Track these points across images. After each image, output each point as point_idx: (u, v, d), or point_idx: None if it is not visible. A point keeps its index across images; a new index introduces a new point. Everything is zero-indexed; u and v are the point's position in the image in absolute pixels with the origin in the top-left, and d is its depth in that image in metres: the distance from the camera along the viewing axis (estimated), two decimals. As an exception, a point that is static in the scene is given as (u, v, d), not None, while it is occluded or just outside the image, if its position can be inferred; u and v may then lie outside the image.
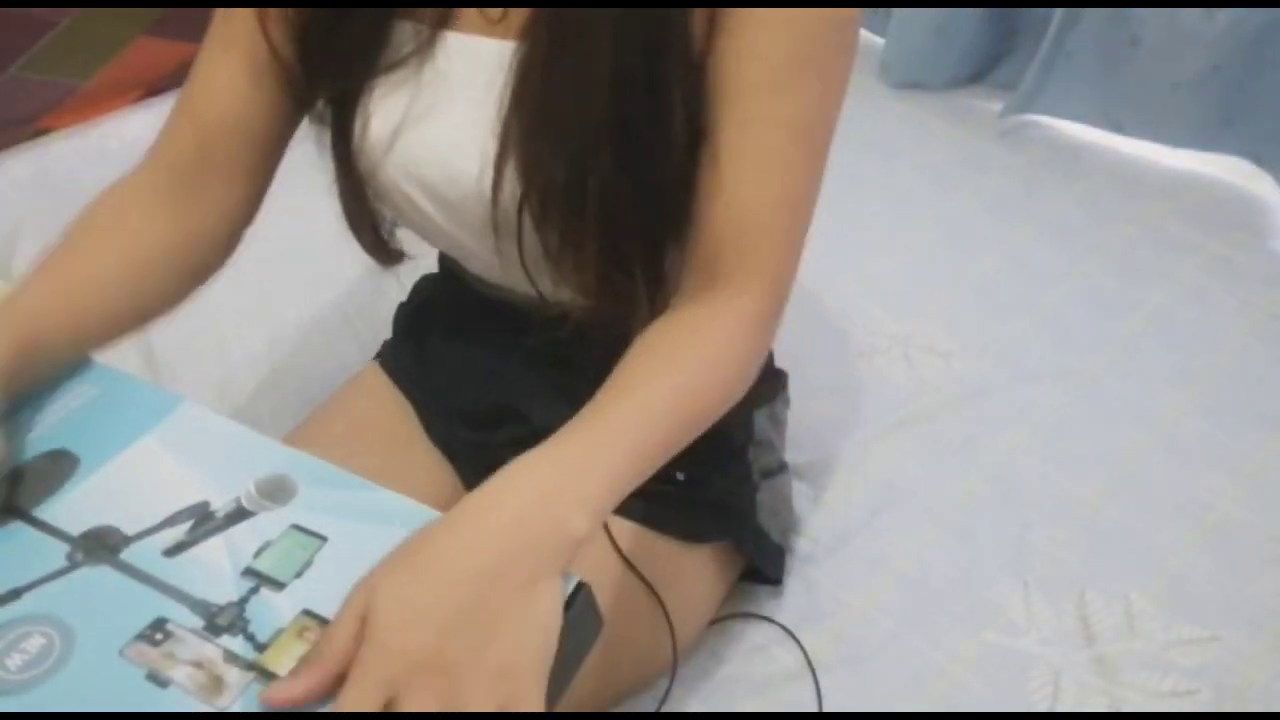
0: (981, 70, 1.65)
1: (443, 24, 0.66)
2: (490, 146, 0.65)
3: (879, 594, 0.91)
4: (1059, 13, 1.46)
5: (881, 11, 1.68)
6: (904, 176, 1.43)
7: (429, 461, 0.86)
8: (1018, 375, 1.13)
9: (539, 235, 0.64)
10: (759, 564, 0.87)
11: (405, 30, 0.67)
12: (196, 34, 1.38)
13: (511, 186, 0.64)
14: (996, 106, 1.56)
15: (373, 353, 0.96)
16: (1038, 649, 0.87)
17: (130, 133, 1.30)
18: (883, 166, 1.44)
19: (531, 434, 0.79)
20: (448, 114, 0.67)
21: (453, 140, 0.67)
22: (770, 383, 0.92)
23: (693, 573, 0.82)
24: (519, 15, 0.63)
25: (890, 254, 1.30)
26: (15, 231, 1.18)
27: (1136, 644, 0.87)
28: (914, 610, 0.90)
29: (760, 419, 0.88)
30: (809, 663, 0.85)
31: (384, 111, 0.68)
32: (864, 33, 1.77)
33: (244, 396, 1.06)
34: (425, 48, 0.66)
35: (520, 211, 0.64)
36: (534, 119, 0.62)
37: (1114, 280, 1.26)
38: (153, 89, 1.37)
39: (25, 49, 1.24)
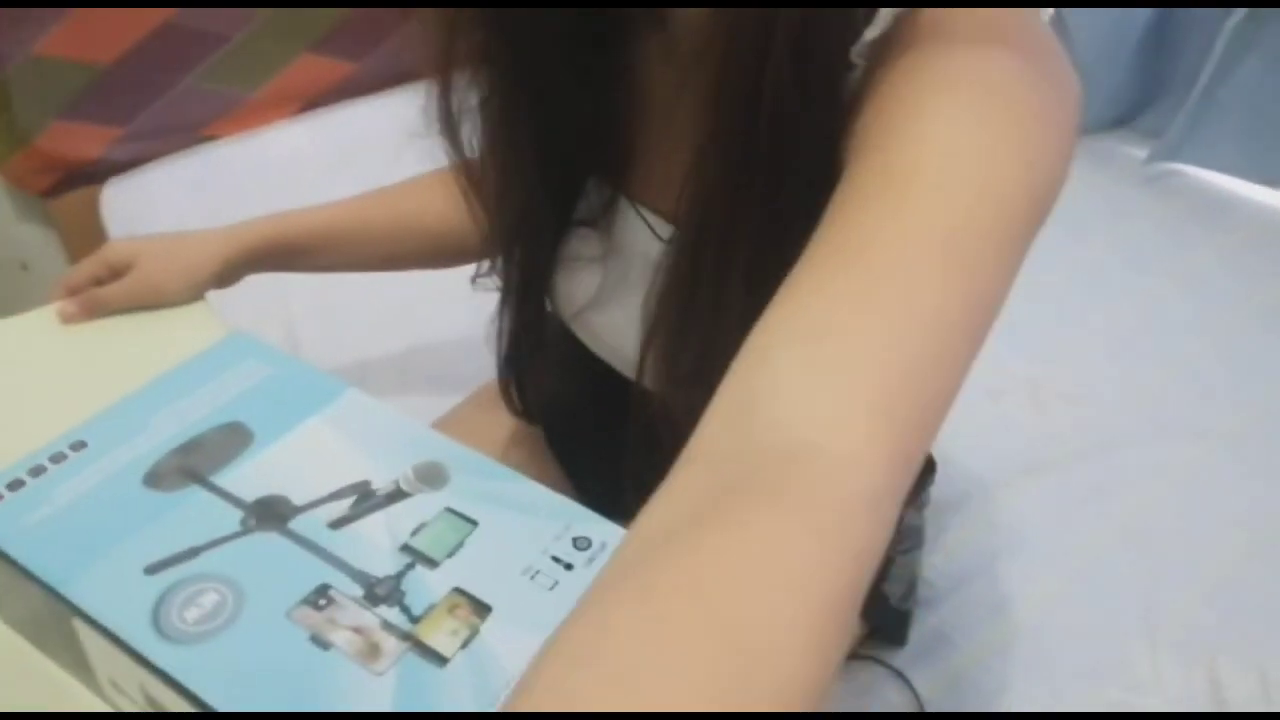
0: (1126, 116, 1.62)
1: (620, 189, 0.62)
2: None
3: (997, 640, 0.89)
4: (1211, 61, 1.42)
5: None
6: (1040, 220, 1.40)
7: (544, 478, 0.87)
8: (1152, 429, 1.10)
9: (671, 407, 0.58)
10: (878, 631, 0.87)
11: (594, 190, 0.64)
12: (355, 53, 1.46)
13: (653, 370, 0.60)
14: (1141, 153, 1.53)
15: (506, 363, 0.99)
16: (1165, 710, 0.84)
17: (289, 142, 1.38)
18: (1018, 209, 1.41)
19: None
20: (623, 285, 0.64)
21: (621, 315, 0.65)
22: (921, 478, 0.86)
23: None
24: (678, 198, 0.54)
25: (1023, 295, 1.27)
26: (181, 229, 1.25)
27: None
28: (1034, 659, 0.88)
29: (909, 516, 0.86)
30: (918, 701, 0.84)
31: (575, 275, 0.66)
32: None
33: (378, 392, 1.10)
34: (606, 211, 0.63)
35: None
36: (676, 312, 0.56)
37: (1259, 338, 1.22)
38: (311, 103, 1.44)
39: (201, 61, 1.33)
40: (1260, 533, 0.98)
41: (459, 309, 1.20)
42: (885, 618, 0.86)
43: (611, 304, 0.66)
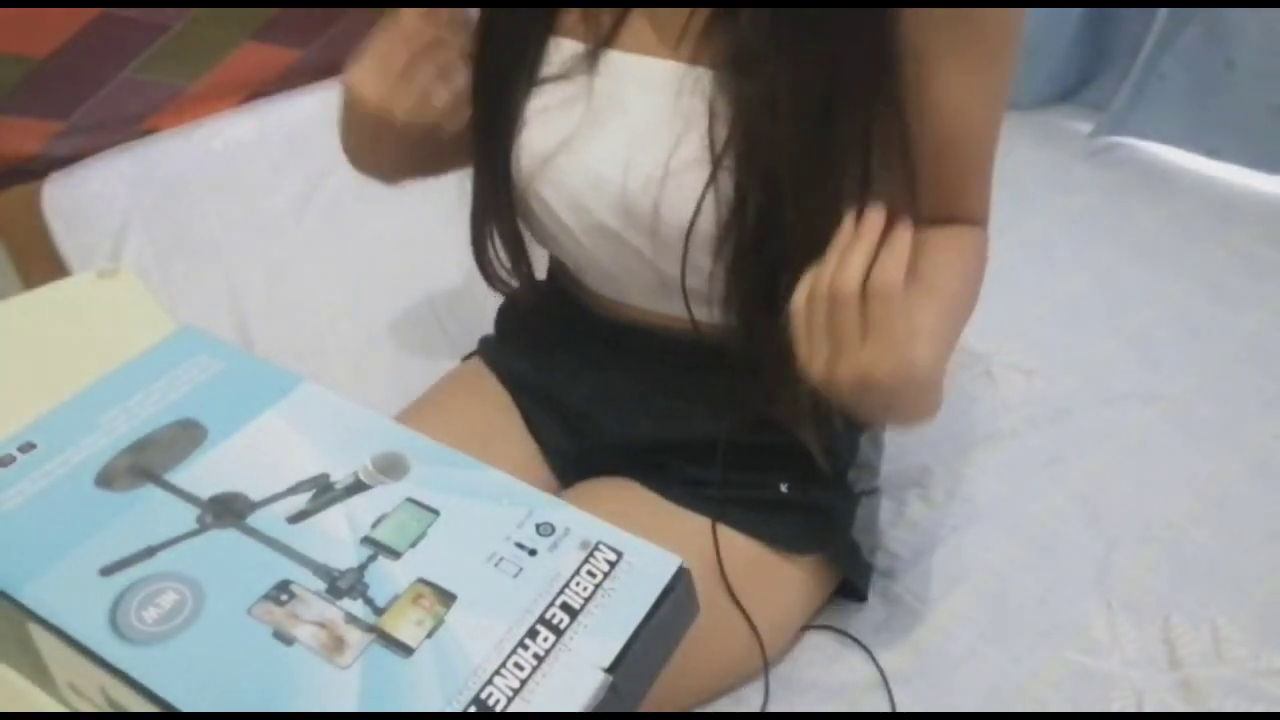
0: (1070, 90, 1.64)
1: (607, 43, 0.68)
2: (644, 160, 0.67)
3: (959, 608, 0.91)
4: (1153, 34, 1.45)
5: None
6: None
7: (523, 456, 0.88)
8: (1104, 396, 1.12)
9: (722, 258, 0.68)
10: (851, 577, 0.87)
11: (561, 48, 0.69)
12: (300, 41, 1.44)
13: (709, 212, 0.66)
14: (1085, 127, 1.55)
15: (462, 348, 0.98)
16: (1121, 670, 0.86)
17: (234, 134, 1.35)
18: (968, 183, 1.43)
19: (632, 446, 0.81)
20: (605, 128, 0.69)
21: (602, 153, 0.69)
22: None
23: (786, 583, 0.83)
24: (692, 37, 0.66)
25: (974, 271, 1.30)
26: (125, 224, 1.23)
27: (1224, 670, 0.85)
28: (994, 626, 0.89)
29: (864, 442, 0.88)
30: (881, 673, 0.85)
31: (546, 125, 0.70)
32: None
33: (334, 383, 1.09)
34: (584, 65, 0.69)
35: (688, 235, 0.68)
36: (747, 146, 0.64)
37: (1204, 304, 1.24)
38: (256, 92, 1.41)
39: (140, 52, 1.30)
40: (1207, 494, 1.01)
41: (412, 301, 1.20)
42: (856, 569, 0.87)
43: (590, 141, 0.69)
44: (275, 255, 1.22)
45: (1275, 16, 1.36)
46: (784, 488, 0.81)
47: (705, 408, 0.79)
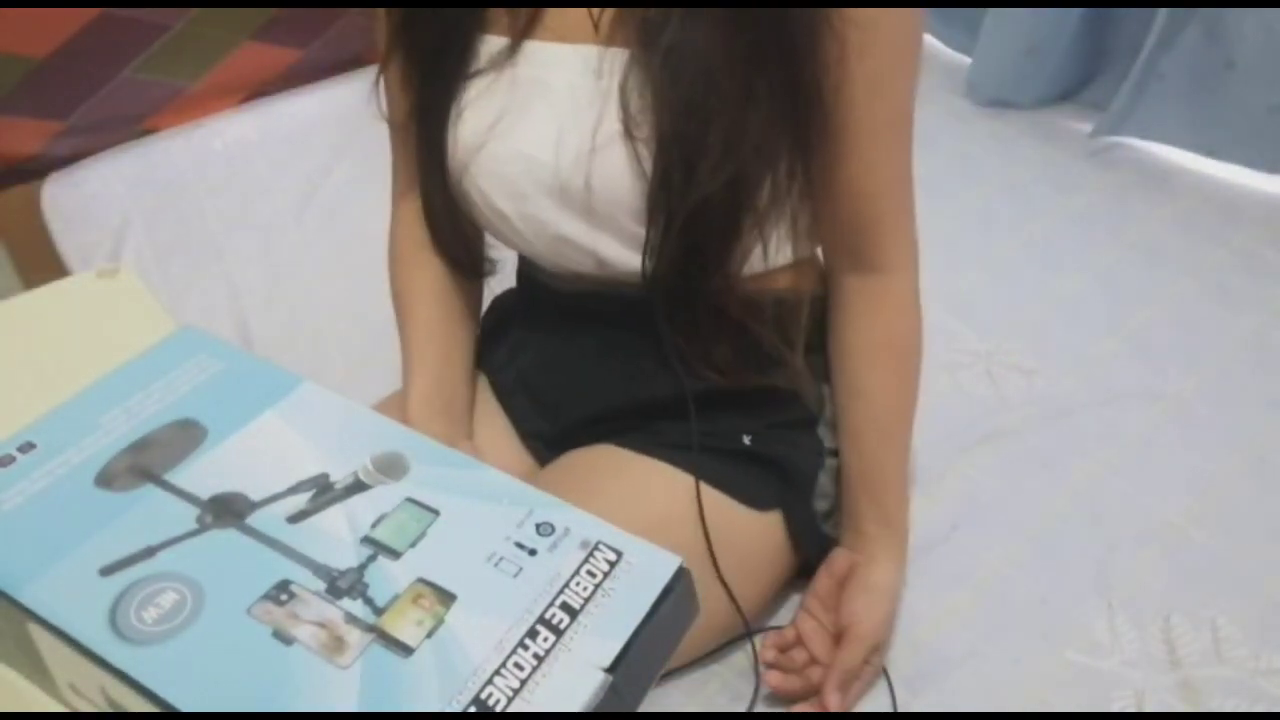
0: (1070, 90, 1.64)
1: (525, 34, 0.73)
2: (572, 139, 0.71)
3: (959, 608, 0.91)
4: (1153, 34, 1.45)
5: (968, 30, 1.68)
6: (990, 193, 1.42)
7: (504, 444, 0.89)
8: (1104, 396, 1.12)
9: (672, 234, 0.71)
10: (801, 540, 0.86)
11: (488, 43, 0.74)
12: (300, 40, 1.44)
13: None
14: (1086, 127, 1.55)
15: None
16: (1121, 670, 0.86)
17: (234, 133, 1.35)
18: (968, 183, 1.43)
19: (603, 413, 0.82)
20: (532, 114, 0.73)
21: (532, 136, 0.73)
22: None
23: (752, 538, 0.83)
24: (608, 21, 0.70)
25: (974, 271, 1.30)
26: (125, 224, 1.23)
27: (1224, 670, 0.85)
28: (994, 626, 0.89)
29: (830, 396, 0.88)
30: (884, 671, 0.85)
31: (475, 115, 0.74)
32: (950, 51, 1.77)
33: (335, 383, 1.09)
34: (506, 57, 0.73)
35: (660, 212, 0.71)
36: (660, 117, 0.68)
37: (1205, 304, 1.24)
38: (256, 92, 1.41)
39: (140, 52, 1.30)
40: (1207, 494, 1.01)
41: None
42: (814, 542, 0.87)
43: (519, 127, 0.73)
44: (275, 255, 1.22)
45: (1275, 16, 1.36)
46: (746, 439, 0.82)
47: (664, 364, 0.81)
